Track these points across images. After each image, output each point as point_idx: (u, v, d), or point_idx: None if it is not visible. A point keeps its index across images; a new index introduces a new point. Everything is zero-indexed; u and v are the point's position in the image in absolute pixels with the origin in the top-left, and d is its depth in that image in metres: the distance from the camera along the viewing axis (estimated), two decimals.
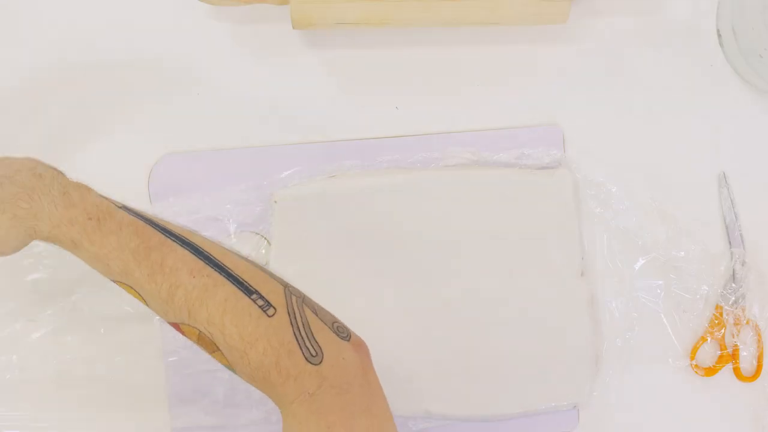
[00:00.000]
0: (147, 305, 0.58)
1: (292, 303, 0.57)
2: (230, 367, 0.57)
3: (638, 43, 0.80)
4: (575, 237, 0.76)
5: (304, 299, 0.58)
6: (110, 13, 0.78)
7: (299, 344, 0.54)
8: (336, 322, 0.58)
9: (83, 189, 0.59)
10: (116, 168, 0.77)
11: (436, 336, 0.74)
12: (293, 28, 0.73)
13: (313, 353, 0.54)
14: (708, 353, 0.78)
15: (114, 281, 0.59)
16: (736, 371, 0.78)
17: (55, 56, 0.78)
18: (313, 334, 0.55)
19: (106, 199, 0.60)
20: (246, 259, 0.59)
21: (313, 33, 0.79)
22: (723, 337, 0.77)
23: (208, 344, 0.56)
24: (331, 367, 0.54)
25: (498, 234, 0.75)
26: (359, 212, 0.75)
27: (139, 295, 0.58)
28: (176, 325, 0.57)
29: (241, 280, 0.56)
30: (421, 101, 0.79)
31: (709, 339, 0.77)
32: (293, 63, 0.79)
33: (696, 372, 0.77)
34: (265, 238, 0.76)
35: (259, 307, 0.55)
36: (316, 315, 0.57)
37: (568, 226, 0.76)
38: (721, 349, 0.77)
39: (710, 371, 0.77)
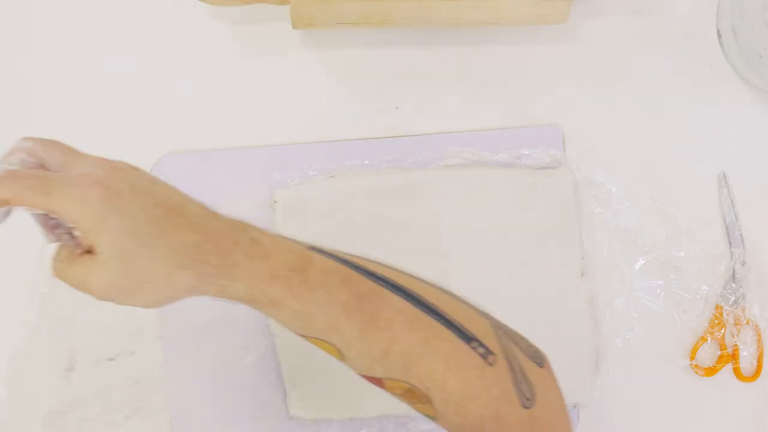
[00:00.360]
0: (342, 360, 0.51)
1: (504, 343, 0.51)
2: (434, 418, 0.51)
3: (638, 43, 0.80)
4: (575, 237, 0.76)
5: (503, 330, 0.52)
6: (110, 13, 0.79)
7: (516, 391, 0.50)
8: (528, 345, 0.53)
9: (264, 231, 0.49)
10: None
11: None
12: (293, 28, 0.73)
13: (528, 396, 0.50)
14: (708, 353, 0.78)
15: (306, 337, 0.51)
16: (736, 371, 0.78)
17: (55, 56, 0.78)
18: (525, 375, 0.51)
19: (291, 240, 0.50)
20: (449, 293, 0.53)
21: (313, 33, 0.79)
22: (723, 337, 0.77)
23: (419, 398, 0.50)
24: (542, 408, 0.50)
25: (498, 234, 0.75)
26: (359, 212, 0.75)
27: (337, 350, 0.50)
28: (378, 381, 0.51)
29: (458, 325, 0.50)
30: (421, 101, 0.79)
31: (709, 339, 0.77)
32: (293, 63, 0.79)
33: (696, 372, 0.77)
34: None
35: (480, 355, 0.50)
36: (518, 346, 0.52)
37: (568, 225, 0.76)
38: (721, 349, 0.77)
39: (710, 371, 0.77)
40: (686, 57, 0.81)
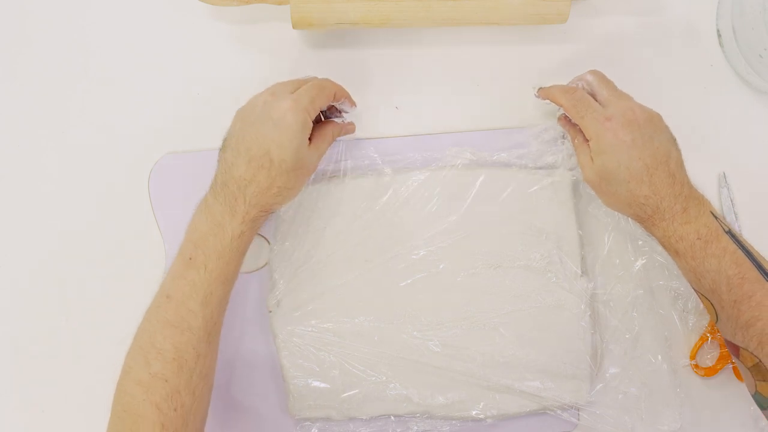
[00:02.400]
0: (715, 321, 0.67)
1: None
2: None
3: (638, 43, 0.80)
4: (575, 237, 0.76)
5: None
6: (110, 13, 0.79)
7: None
8: None
9: (701, 206, 0.66)
10: (116, 168, 0.77)
11: (435, 335, 0.73)
12: (293, 28, 0.73)
13: None
14: (708, 353, 0.78)
15: (696, 291, 0.68)
16: (736, 371, 0.78)
17: (55, 56, 0.78)
18: None
19: (718, 220, 0.66)
20: None
21: (313, 33, 0.79)
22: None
23: (763, 374, 0.64)
24: None
25: (497, 234, 0.75)
26: (359, 212, 0.75)
27: (714, 310, 0.66)
28: (735, 348, 0.65)
29: None
30: (421, 101, 0.79)
31: (709, 339, 0.77)
32: (293, 63, 0.79)
33: (696, 372, 0.77)
34: (265, 238, 0.76)
35: None
36: None
37: (568, 226, 0.76)
38: (721, 349, 0.77)
39: (710, 371, 0.77)
40: (686, 57, 0.81)
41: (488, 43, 0.80)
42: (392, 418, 0.74)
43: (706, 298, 0.66)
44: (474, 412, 0.74)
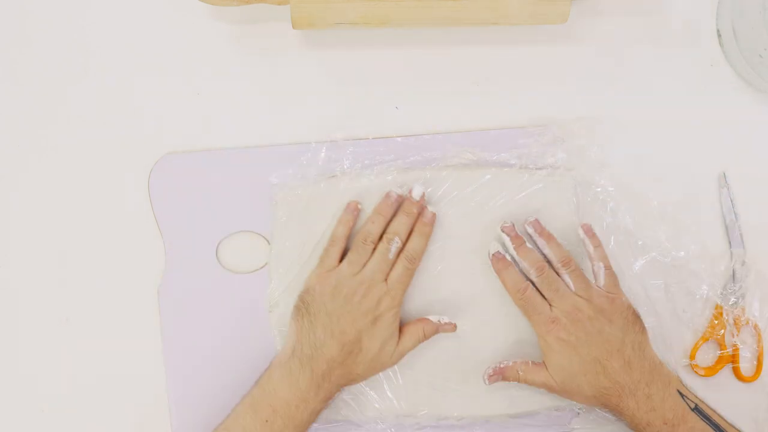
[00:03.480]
0: None
1: None
2: None
3: (638, 43, 0.80)
4: (575, 237, 0.76)
5: None
6: (111, 13, 0.79)
7: None
8: None
9: (666, 387, 0.68)
10: (116, 168, 0.77)
11: (435, 335, 0.73)
12: (293, 28, 0.73)
13: None
14: (708, 353, 0.78)
15: None
16: (736, 371, 0.78)
17: (56, 56, 0.78)
18: None
19: (684, 398, 0.68)
20: None
21: (313, 33, 0.79)
22: (723, 337, 0.77)
23: None
24: None
25: (498, 234, 0.75)
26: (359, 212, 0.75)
27: None
28: None
29: None
30: (421, 101, 0.79)
31: (709, 339, 0.77)
32: (293, 63, 0.79)
33: (696, 372, 0.77)
34: (265, 238, 0.76)
35: None
36: None
37: (568, 226, 0.76)
38: (721, 349, 0.77)
39: (710, 371, 0.77)
40: (686, 57, 0.81)
41: (488, 43, 0.80)
42: (391, 418, 0.74)
43: None
44: (473, 412, 0.74)
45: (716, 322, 0.77)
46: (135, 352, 0.75)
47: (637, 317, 0.70)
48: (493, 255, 0.73)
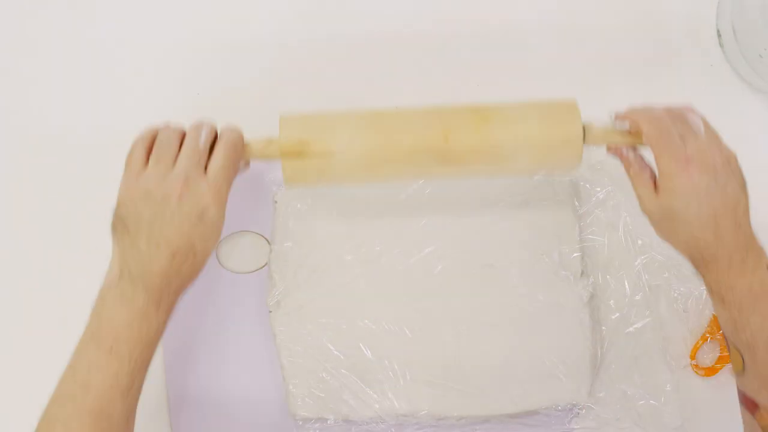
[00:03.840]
0: (738, 374, 0.65)
1: None
2: None
3: (638, 42, 0.80)
4: (575, 237, 0.76)
5: None
6: (111, 13, 0.79)
7: None
8: None
9: (760, 259, 0.64)
10: (116, 168, 0.77)
11: (435, 335, 0.73)
12: (285, 184, 0.69)
13: None
14: (708, 353, 0.78)
15: (728, 342, 0.65)
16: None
17: (56, 55, 0.78)
18: None
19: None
20: None
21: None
22: (723, 337, 0.77)
23: None
24: None
25: (498, 234, 0.75)
26: (359, 212, 0.75)
27: (743, 363, 0.64)
28: (755, 406, 0.64)
29: None
30: (421, 101, 0.79)
31: (708, 339, 0.77)
32: (290, 57, 0.79)
33: (696, 372, 0.77)
34: (265, 238, 0.76)
35: None
36: None
37: (568, 225, 0.76)
38: (721, 349, 0.77)
39: (710, 371, 0.77)
40: (686, 57, 0.81)
41: (489, 44, 0.80)
42: (391, 418, 0.74)
43: (737, 351, 0.64)
44: (473, 412, 0.74)
45: (716, 322, 0.77)
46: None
47: (745, 181, 0.67)
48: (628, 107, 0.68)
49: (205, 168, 0.63)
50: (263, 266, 0.76)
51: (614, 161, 0.78)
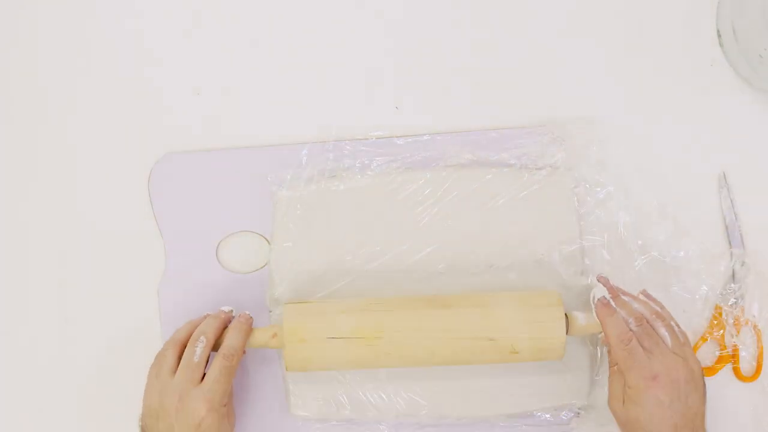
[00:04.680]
0: None
1: None
2: None
3: (638, 42, 0.80)
4: (575, 237, 0.76)
5: None
6: (110, 13, 0.79)
7: None
8: None
9: None
10: (116, 168, 0.77)
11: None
12: (287, 371, 0.70)
13: None
14: (708, 353, 0.78)
15: None
16: (736, 371, 0.78)
17: (56, 55, 0.78)
18: None
19: None
20: None
21: None
22: (722, 337, 0.77)
23: None
24: None
25: (498, 234, 0.75)
26: (359, 212, 0.75)
27: None
28: None
29: None
30: (421, 101, 0.79)
31: (708, 339, 0.77)
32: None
33: None
34: (265, 238, 0.76)
35: None
36: None
37: (568, 225, 0.76)
38: (720, 349, 0.77)
39: (710, 371, 0.77)
40: (686, 57, 0.81)
41: (488, 48, 0.80)
42: (391, 418, 0.74)
43: None
44: (473, 412, 0.74)
45: (716, 322, 0.77)
46: (135, 352, 0.75)
47: (706, 390, 0.69)
48: (598, 300, 0.70)
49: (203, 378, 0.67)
50: (263, 266, 0.76)
51: (614, 161, 0.78)
